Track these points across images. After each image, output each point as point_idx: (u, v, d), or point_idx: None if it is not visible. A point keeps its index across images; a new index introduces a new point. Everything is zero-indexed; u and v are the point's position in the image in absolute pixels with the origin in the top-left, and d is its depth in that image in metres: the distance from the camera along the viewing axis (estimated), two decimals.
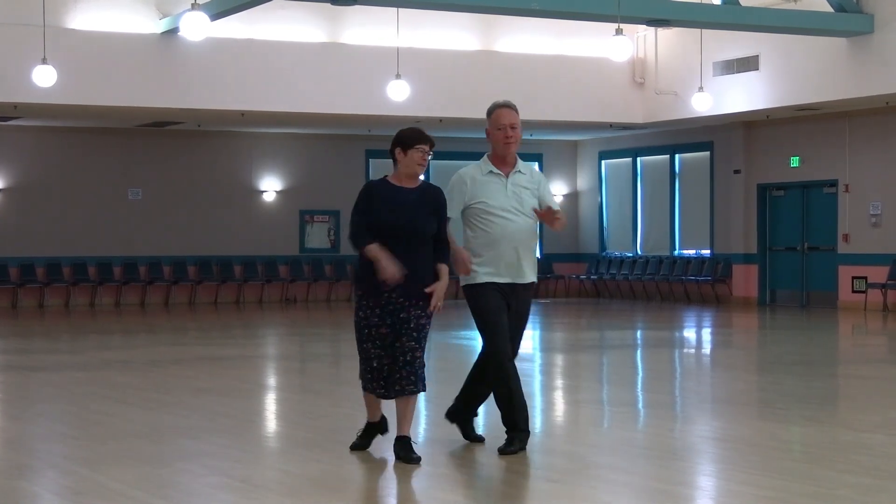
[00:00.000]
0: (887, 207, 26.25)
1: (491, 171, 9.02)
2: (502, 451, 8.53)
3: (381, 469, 8.45)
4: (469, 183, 9.01)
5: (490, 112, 9.13)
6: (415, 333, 8.39)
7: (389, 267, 8.28)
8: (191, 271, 30.08)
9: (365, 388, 8.56)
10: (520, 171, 9.03)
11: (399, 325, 8.39)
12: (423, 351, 8.42)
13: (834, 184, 27.45)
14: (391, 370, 8.35)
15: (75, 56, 23.66)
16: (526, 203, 8.93)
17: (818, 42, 24.49)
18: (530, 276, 8.96)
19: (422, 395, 8.59)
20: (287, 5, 24.45)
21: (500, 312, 8.83)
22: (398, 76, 24.81)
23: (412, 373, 8.34)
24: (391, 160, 8.93)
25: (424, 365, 8.46)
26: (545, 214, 8.87)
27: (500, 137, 8.99)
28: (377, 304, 8.39)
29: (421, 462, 8.17)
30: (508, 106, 9.09)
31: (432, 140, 8.96)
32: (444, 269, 8.60)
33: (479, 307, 8.90)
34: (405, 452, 8.27)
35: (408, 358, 8.33)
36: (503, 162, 9.04)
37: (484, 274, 8.85)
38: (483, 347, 8.95)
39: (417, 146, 8.79)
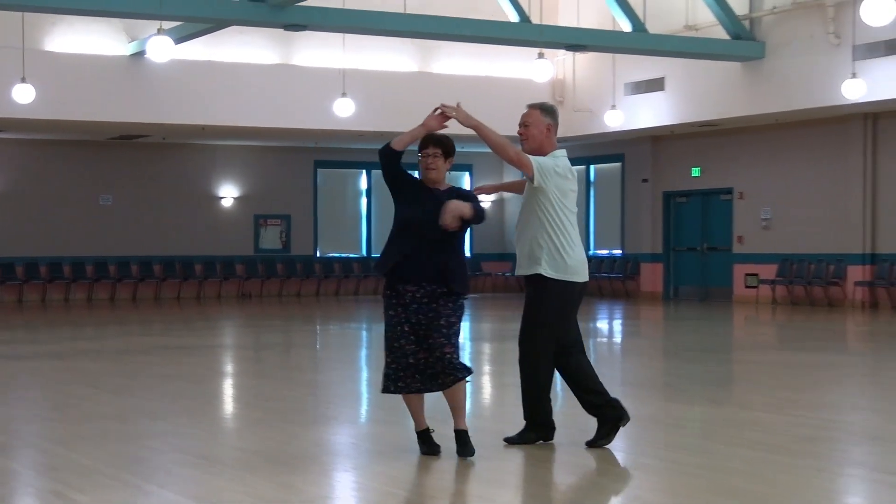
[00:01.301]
0: (776, 213, 26.49)
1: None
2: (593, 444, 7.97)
3: (327, 445, 8.45)
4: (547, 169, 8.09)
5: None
6: (444, 330, 7.57)
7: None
8: (156, 269, 29.93)
9: (387, 390, 7.74)
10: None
11: (428, 322, 7.61)
12: (453, 346, 7.58)
13: (730, 192, 27.67)
14: (427, 364, 7.63)
15: (52, 75, 23.53)
16: (525, 198, 8.12)
17: (717, 66, 24.69)
18: (519, 269, 8.08)
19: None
20: (244, 30, 24.42)
21: None
22: (344, 94, 24.81)
23: (447, 365, 7.56)
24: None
25: (458, 355, 7.66)
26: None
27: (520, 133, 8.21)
28: (401, 302, 7.65)
29: (474, 454, 7.68)
30: (532, 105, 8.32)
31: (438, 141, 8.06)
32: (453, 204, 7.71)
33: None
34: (461, 447, 7.67)
35: (437, 354, 7.55)
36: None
37: None
38: None
39: (420, 153, 8.01)
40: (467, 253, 8.35)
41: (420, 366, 7.64)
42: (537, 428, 8.03)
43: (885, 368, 14.09)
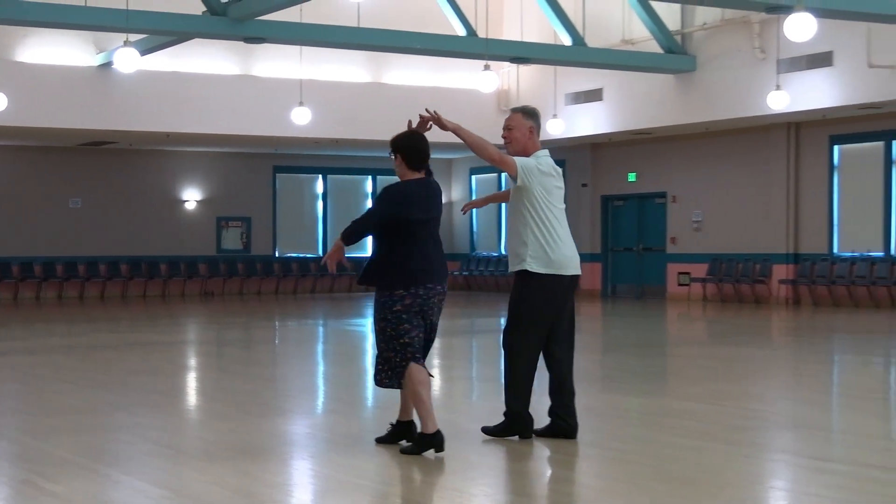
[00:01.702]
0: (707, 215, 26.66)
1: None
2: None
3: (285, 435, 8.43)
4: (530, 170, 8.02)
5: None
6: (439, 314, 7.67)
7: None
8: (123, 269, 29.74)
9: (398, 384, 7.52)
10: None
11: (430, 309, 7.57)
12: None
13: (663, 195, 27.82)
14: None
15: (23, 85, 23.36)
16: (511, 199, 7.98)
17: (651, 78, 24.82)
18: (510, 267, 7.97)
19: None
20: (206, 43, 24.33)
21: None
22: (301, 104, 24.74)
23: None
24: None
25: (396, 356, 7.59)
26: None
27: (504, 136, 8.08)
28: (417, 294, 7.49)
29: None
30: (514, 109, 8.19)
31: (393, 144, 8.16)
32: None
33: None
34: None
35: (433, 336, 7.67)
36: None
37: None
38: None
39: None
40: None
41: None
42: (514, 419, 7.86)
43: (807, 361, 14.22)
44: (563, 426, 7.87)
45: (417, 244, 7.48)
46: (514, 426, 7.85)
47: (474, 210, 33.45)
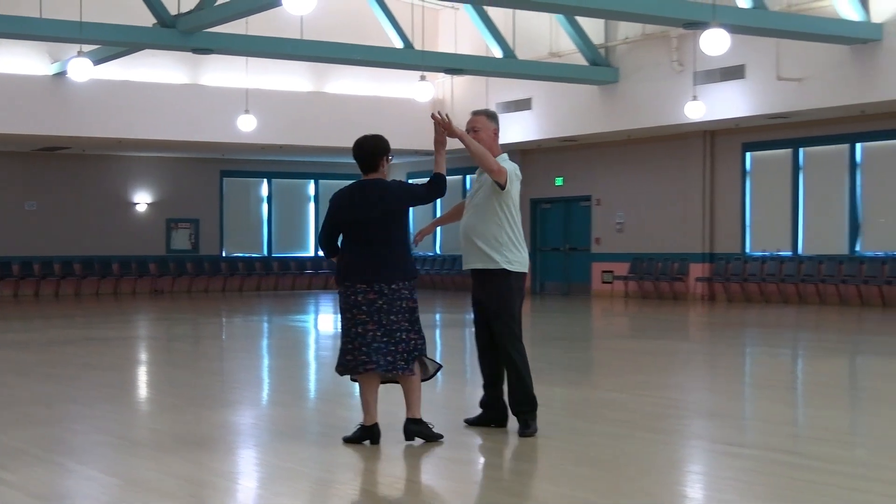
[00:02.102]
0: (629, 217, 26.84)
1: (478, 170, 7.93)
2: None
3: (232, 426, 8.39)
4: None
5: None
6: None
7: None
8: (76, 268, 29.46)
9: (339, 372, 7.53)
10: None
11: (357, 308, 7.38)
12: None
13: (588, 199, 27.97)
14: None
15: None
16: (476, 198, 7.80)
17: (577, 88, 24.94)
18: (471, 263, 7.75)
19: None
20: (156, 53, 24.16)
21: (472, 296, 7.92)
22: (247, 111, 24.65)
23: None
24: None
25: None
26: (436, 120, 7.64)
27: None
28: (344, 292, 7.40)
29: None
30: (477, 112, 8.00)
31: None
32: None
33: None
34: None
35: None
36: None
37: None
38: None
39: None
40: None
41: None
42: (535, 403, 7.69)
43: (721, 353, 14.35)
44: (497, 416, 7.88)
45: (347, 244, 7.45)
46: (535, 409, 7.69)
47: (410, 211, 33.48)
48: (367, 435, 7.32)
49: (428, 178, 7.55)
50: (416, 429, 7.33)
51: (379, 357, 7.29)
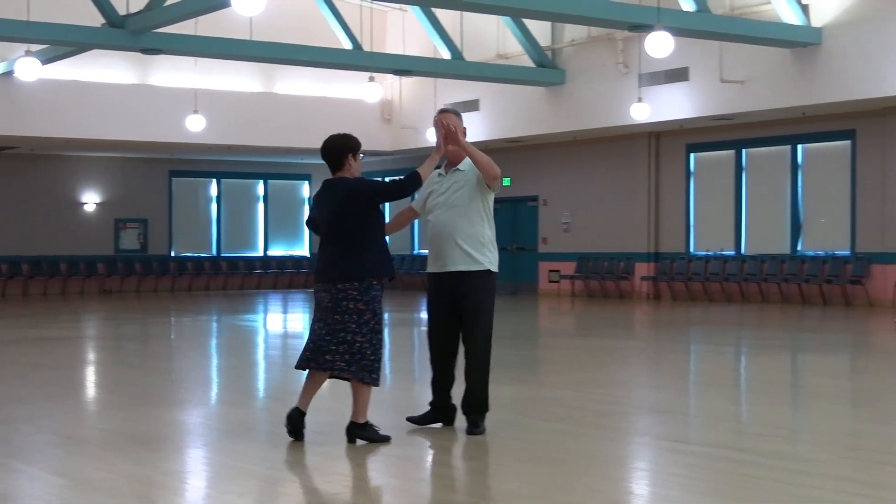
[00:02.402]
0: (575, 217, 26.93)
1: (438, 172, 7.75)
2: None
3: (180, 425, 8.32)
4: (426, 183, 7.68)
5: (434, 119, 7.79)
6: None
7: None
8: (24, 268, 29.16)
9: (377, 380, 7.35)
10: (458, 169, 7.69)
11: (319, 306, 7.37)
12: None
13: (535, 199, 28.03)
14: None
15: None
16: (453, 198, 7.61)
17: (524, 90, 25.00)
18: (452, 265, 7.55)
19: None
20: (105, 53, 23.94)
21: (434, 299, 7.70)
22: (196, 111, 24.49)
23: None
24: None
25: None
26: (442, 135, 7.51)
27: (440, 137, 7.61)
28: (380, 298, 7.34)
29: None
30: (447, 111, 7.76)
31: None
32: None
33: (427, 294, 7.83)
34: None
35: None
36: (448, 162, 7.76)
37: (429, 262, 7.78)
38: None
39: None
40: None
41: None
42: (487, 406, 7.69)
43: (665, 351, 14.43)
44: (447, 417, 7.85)
45: (320, 243, 7.45)
46: (487, 410, 7.69)
47: None
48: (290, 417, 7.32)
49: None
50: (360, 433, 7.25)
51: (318, 355, 7.24)
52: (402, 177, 7.40)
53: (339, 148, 7.46)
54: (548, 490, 6.06)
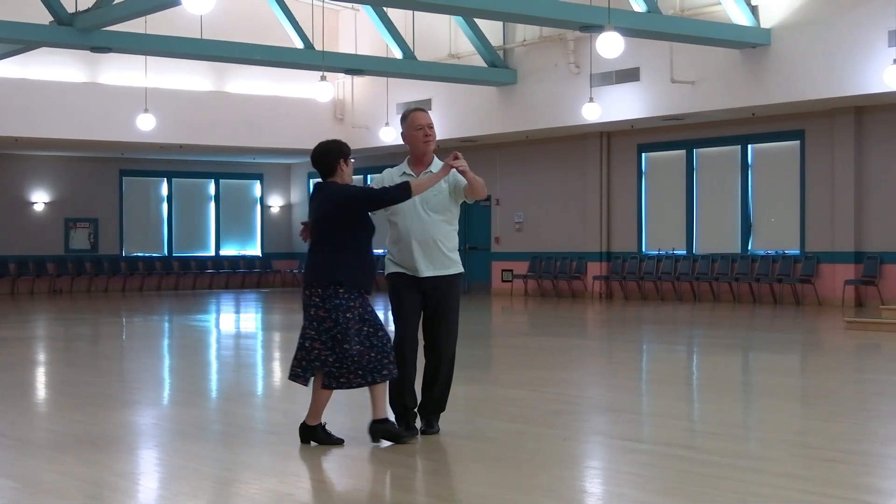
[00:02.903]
0: (528, 217, 27.00)
1: (404, 173, 7.58)
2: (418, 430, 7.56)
3: (132, 426, 8.25)
4: (387, 183, 7.52)
5: (405, 117, 7.63)
6: None
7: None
8: None
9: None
10: (430, 171, 7.54)
11: (306, 311, 7.28)
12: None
13: (488, 199, 28.06)
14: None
15: None
16: (434, 201, 7.49)
17: (476, 89, 25.04)
18: (434, 270, 7.46)
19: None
20: (54, 51, 23.75)
21: (404, 301, 7.50)
22: (146, 110, 24.32)
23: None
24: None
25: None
26: (454, 166, 7.38)
27: (420, 137, 7.52)
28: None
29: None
30: (423, 109, 7.69)
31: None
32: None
33: (390, 296, 7.59)
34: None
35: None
36: (420, 162, 7.60)
37: (393, 265, 7.59)
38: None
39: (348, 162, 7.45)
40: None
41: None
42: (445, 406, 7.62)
43: (619, 350, 14.49)
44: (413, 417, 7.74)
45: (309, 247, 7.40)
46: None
47: None
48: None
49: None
50: (382, 428, 7.18)
51: (323, 373, 7.17)
52: (391, 186, 7.36)
53: (332, 154, 7.38)
54: (502, 489, 6.06)
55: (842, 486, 6.05)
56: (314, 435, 7.22)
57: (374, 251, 7.58)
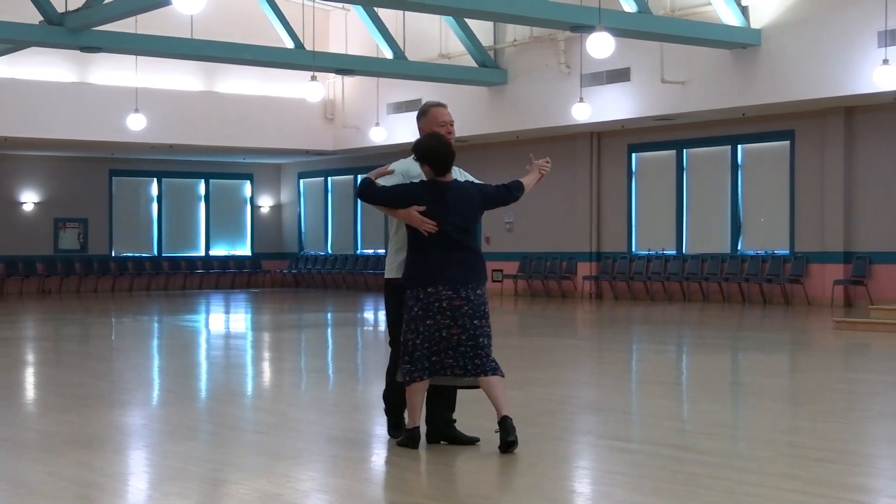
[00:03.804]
0: (518, 217, 27.00)
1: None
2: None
3: (121, 426, 8.24)
4: (408, 177, 7.29)
5: (425, 112, 7.38)
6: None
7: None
8: None
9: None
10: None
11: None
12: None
13: None
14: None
15: None
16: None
17: (466, 90, 25.03)
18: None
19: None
20: (43, 51, 23.70)
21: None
22: (136, 110, 24.28)
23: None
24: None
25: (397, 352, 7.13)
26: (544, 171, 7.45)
27: (443, 134, 7.35)
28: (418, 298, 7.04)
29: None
30: (442, 104, 7.45)
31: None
32: None
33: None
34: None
35: None
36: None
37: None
38: None
39: None
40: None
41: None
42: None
43: (608, 350, 14.50)
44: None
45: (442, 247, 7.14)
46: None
47: (302, 213, 33.38)
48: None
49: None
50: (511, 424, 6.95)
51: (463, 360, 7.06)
52: (511, 185, 7.65)
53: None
54: (492, 489, 6.06)
55: (831, 486, 6.06)
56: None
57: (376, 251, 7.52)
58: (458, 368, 7.06)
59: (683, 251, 24.07)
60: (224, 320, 20.91)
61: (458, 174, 7.52)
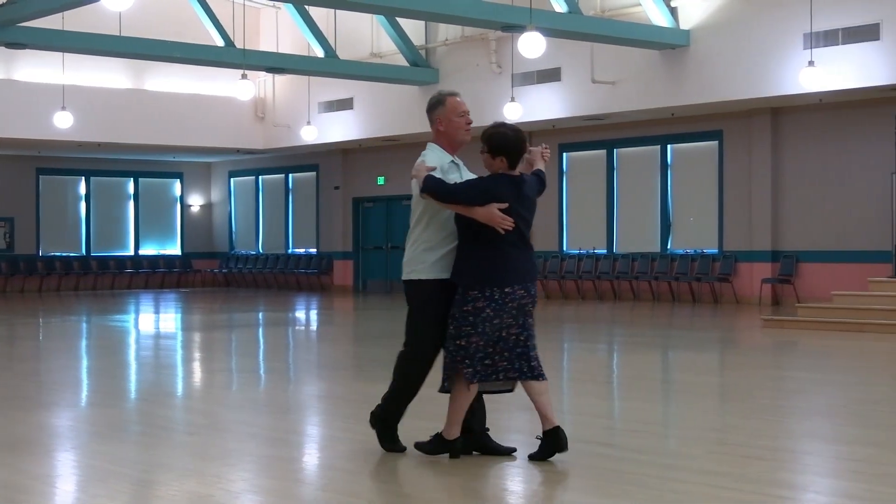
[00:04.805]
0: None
1: (453, 161, 7.19)
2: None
3: (49, 428, 8.13)
4: (446, 170, 7.12)
5: (441, 101, 7.08)
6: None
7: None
8: None
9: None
10: (454, 162, 7.29)
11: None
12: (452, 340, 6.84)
13: (410, 197, 27.95)
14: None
15: None
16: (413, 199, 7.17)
17: (398, 89, 25.02)
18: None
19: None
20: None
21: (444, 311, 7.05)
22: (64, 108, 23.98)
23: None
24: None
25: (449, 356, 6.86)
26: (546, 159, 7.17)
27: (462, 124, 7.07)
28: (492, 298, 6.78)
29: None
30: (457, 93, 7.15)
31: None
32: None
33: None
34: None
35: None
36: (454, 151, 7.20)
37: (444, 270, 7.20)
38: None
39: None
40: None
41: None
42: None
43: (540, 349, 14.50)
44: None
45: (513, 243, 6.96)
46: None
47: (233, 212, 33.17)
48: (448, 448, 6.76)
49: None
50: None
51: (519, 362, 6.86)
52: (540, 175, 7.20)
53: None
54: (424, 490, 6.06)
55: (759, 482, 6.13)
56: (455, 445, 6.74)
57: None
58: (511, 371, 6.82)
59: (614, 250, 24.24)
60: (154, 320, 20.72)
61: (460, 166, 7.25)
